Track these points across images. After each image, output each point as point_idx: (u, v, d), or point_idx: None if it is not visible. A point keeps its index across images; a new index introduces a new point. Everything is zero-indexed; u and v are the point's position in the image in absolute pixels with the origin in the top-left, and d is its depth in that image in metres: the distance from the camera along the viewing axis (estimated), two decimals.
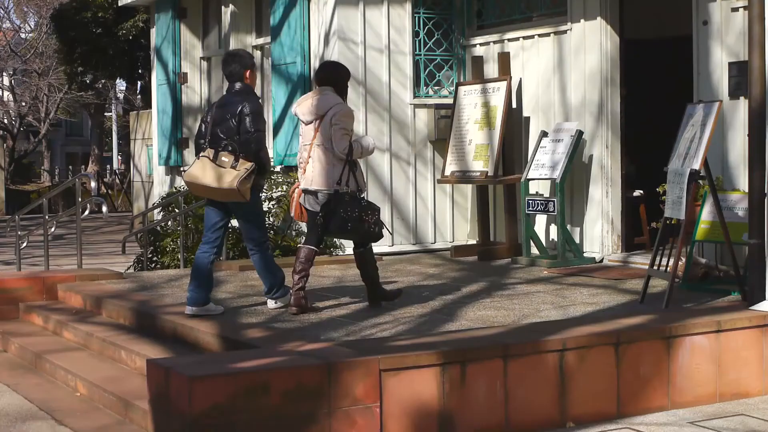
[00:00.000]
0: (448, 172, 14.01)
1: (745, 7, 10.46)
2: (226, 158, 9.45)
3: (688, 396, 7.94)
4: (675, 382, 7.88)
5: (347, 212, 9.45)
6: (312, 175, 9.54)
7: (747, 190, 9.28)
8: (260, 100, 10.16)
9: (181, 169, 18.05)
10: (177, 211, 14.57)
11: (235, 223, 10.40)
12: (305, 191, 9.64)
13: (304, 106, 9.65)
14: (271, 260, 9.90)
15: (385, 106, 14.30)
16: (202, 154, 9.61)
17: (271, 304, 9.89)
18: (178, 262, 14.00)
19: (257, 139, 9.48)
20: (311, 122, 9.57)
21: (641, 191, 13.46)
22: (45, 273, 12.89)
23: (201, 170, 9.50)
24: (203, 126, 9.79)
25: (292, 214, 9.97)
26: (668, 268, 9.54)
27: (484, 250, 13.73)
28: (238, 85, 9.70)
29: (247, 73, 9.73)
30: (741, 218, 9.87)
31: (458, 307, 9.79)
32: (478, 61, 14.22)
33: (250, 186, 9.44)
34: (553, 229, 13.34)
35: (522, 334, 7.80)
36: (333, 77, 9.72)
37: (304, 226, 13.95)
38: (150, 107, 21.53)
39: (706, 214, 10.25)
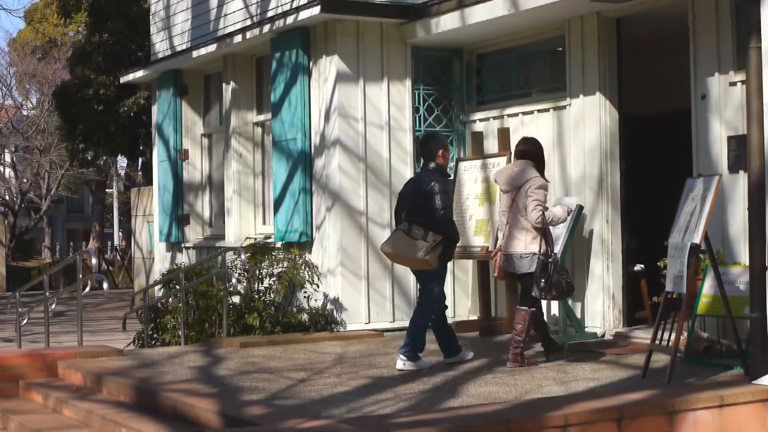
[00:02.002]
0: None
1: (743, 82, 10.53)
2: (417, 231, 10.59)
3: None
4: None
5: (544, 273, 10.47)
6: (509, 239, 10.69)
7: (748, 264, 9.28)
8: (450, 179, 11.43)
9: (182, 245, 18.07)
10: (178, 287, 14.56)
11: None
12: (505, 253, 10.78)
13: (504, 176, 10.87)
14: (427, 322, 10.89)
15: (385, 181, 14.34)
16: (398, 226, 10.88)
17: (406, 363, 10.69)
18: (179, 339, 13.96)
19: (444, 216, 10.59)
20: (509, 192, 10.74)
21: (642, 265, 13.44)
22: (45, 350, 12.84)
23: (396, 241, 10.80)
24: (401, 199, 11.00)
25: (495, 274, 11.19)
26: (670, 343, 9.51)
27: (486, 326, 13.70)
28: (431, 165, 10.88)
29: (440, 153, 10.89)
30: (742, 292, 9.86)
31: (460, 383, 9.75)
32: (478, 137, 14.27)
33: (436, 256, 10.54)
34: (555, 304, 13.31)
35: (524, 410, 7.76)
36: (531, 151, 10.92)
37: (305, 303, 13.99)
38: (151, 184, 21.60)
39: (708, 288, 10.24)
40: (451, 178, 12.07)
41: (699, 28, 11.63)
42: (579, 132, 13.15)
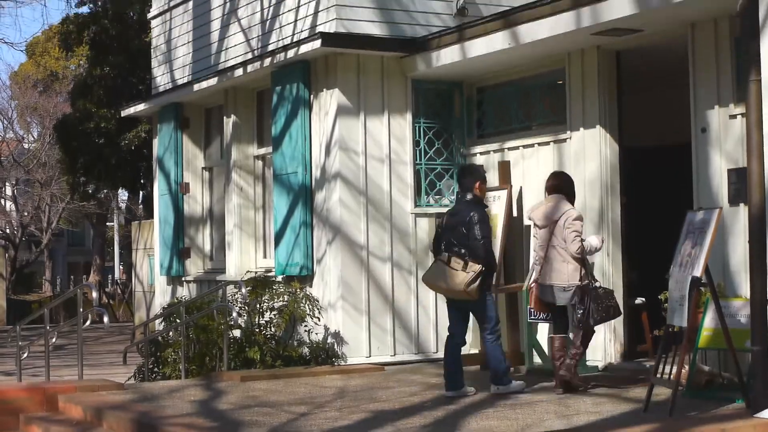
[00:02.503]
0: None
1: (743, 114, 10.54)
2: (457, 262, 10.87)
3: None
4: None
5: (582, 303, 10.88)
6: (549, 271, 11.07)
7: (749, 297, 9.27)
8: (487, 209, 11.60)
9: (183, 279, 18.06)
10: (179, 321, 14.55)
11: None
12: (542, 285, 11.18)
13: (539, 212, 11.31)
14: (500, 348, 11.15)
15: (386, 215, 14.35)
16: (438, 257, 11.12)
17: (493, 389, 11.16)
18: (180, 373, 13.94)
19: (484, 245, 10.87)
20: (545, 226, 11.16)
21: (643, 299, 13.42)
22: (45, 384, 12.82)
23: (436, 273, 11.10)
24: (439, 231, 11.38)
25: (531, 306, 11.69)
26: (671, 376, 9.49)
27: None
28: (468, 196, 11.21)
29: (478, 185, 11.26)
30: (743, 325, 9.85)
31: (461, 417, 9.73)
32: None
33: (477, 286, 10.79)
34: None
35: None
36: (562, 185, 11.40)
37: (305, 336, 13.97)
38: (152, 217, 21.61)
39: (709, 321, 10.23)
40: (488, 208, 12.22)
41: (699, 62, 11.66)
42: (579, 165, 13.16)
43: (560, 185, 11.41)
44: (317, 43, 13.80)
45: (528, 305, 12.90)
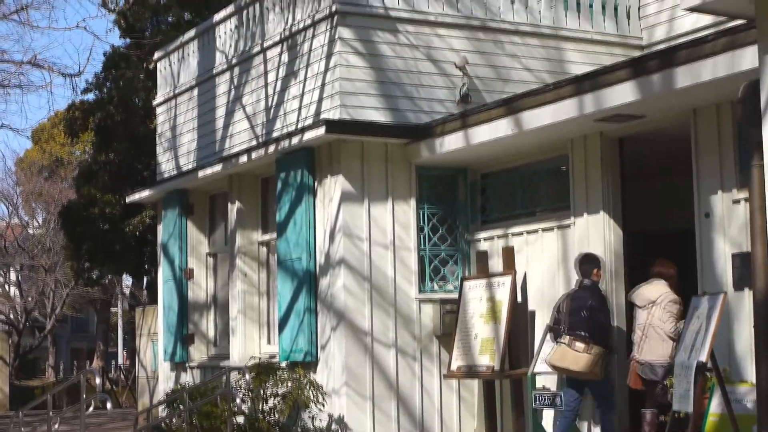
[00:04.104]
0: (454, 367, 13.95)
1: (746, 199, 10.57)
2: (579, 344, 11.84)
3: None
4: None
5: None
6: (648, 349, 11.72)
7: (755, 382, 9.22)
8: (605, 293, 12.44)
9: (187, 365, 18.00)
10: (182, 407, 14.48)
11: None
12: (641, 363, 11.78)
13: (640, 294, 12.05)
14: (614, 426, 12.12)
15: (390, 301, 14.33)
16: (560, 340, 12.08)
17: None
18: None
19: (606, 328, 12.01)
20: (645, 307, 11.91)
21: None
22: None
23: (561, 355, 11.98)
24: (557, 314, 12.28)
25: (628, 383, 12.09)
26: None
27: None
28: (587, 282, 12.23)
29: (595, 271, 12.29)
30: (750, 410, 9.80)
31: None
32: (483, 256, 14.28)
33: (601, 366, 11.84)
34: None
35: None
36: (665, 273, 12.13)
37: (309, 423, 13.90)
38: (156, 303, 21.59)
39: (715, 406, 10.16)
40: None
41: (701, 147, 11.71)
42: (584, 251, 13.14)
43: (664, 273, 12.16)
44: (321, 131, 13.88)
45: (533, 390, 12.87)
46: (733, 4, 8.82)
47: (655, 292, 11.96)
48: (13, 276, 51.46)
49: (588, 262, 12.39)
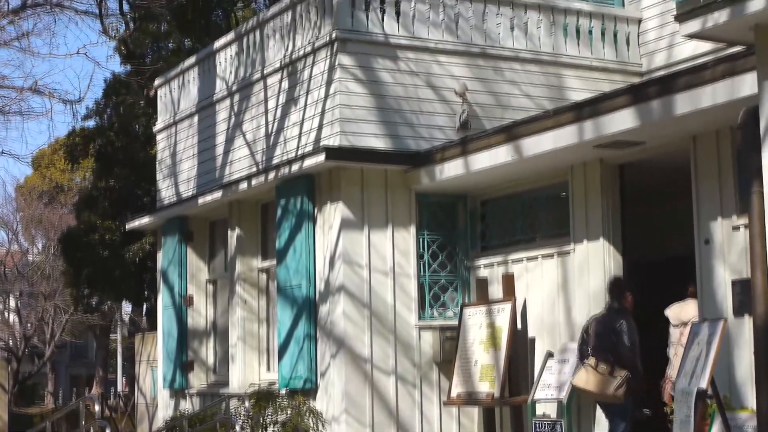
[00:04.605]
0: (454, 394, 13.93)
1: (746, 226, 10.58)
2: (604, 367, 11.82)
3: None
4: None
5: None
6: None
7: (756, 408, 9.21)
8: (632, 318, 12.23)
9: (186, 391, 17.96)
10: None
11: None
12: (673, 381, 11.44)
13: (673, 312, 12.25)
14: None
15: (390, 328, 14.31)
16: (586, 361, 12.06)
17: None
18: None
19: (632, 352, 11.88)
20: (678, 326, 12.04)
21: (648, 410, 13.32)
22: None
23: (585, 377, 11.97)
24: (585, 336, 12.28)
25: (665, 400, 12.14)
26: None
27: None
28: (615, 304, 12.16)
29: (627, 295, 12.21)
30: None
31: None
32: (483, 283, 14.27)
33: (625, 391, 11.77)
34: None
35: None
36: (695, 292, 11.93)
37: None
38: (156, 329, 21.57)
39: None
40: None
41: (701, 173, 11.72)
42: (584, 277, 13.16)
43: (694, 292, 12.02)
44: (321, 157, 13.89)
45: (533, 417, 12.84)
46: (732, 31, 8.87)
47: (688, 312, 12.05)
48: (12, 303, 51.41)
49: (618, 286, 12.36)
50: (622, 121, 11.50)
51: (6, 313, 52.13)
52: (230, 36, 17.29)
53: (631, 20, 16.30)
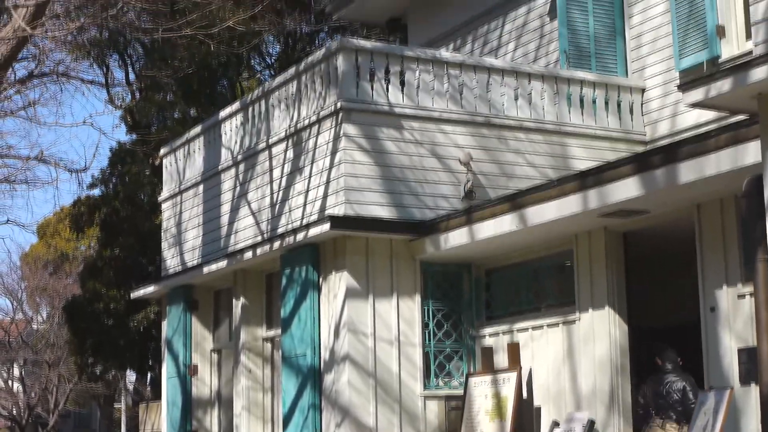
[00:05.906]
0: None
1: (751, 294, 10.56)
2: (673, 427, 12.06)
3: None
4: None
5: None
6: None
7: None
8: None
9: None
10: None
11: None
12: None
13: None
14: None
15: (395, 397, 14.25)
16: (652, 423, 12.27)
17: None
18: None
19: (694, 407, 11.55)
20: None
21: None
22: None
23: None
24: (641, 400, 12.54)
25: None
26: None
27: None
28: (669, 365, 12.45)
29: (676, 356, 12.49)
30: None
31: None
32: (488, 352, 14.23)
33: None
34: None
35: None
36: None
37: None
38: (160, 398, 21.52)
39: None
40: None
41: (706, 242, 11.73)
42: (589, 346, 13.12)
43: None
44: (326, 227, 13.90)
45: None
46: (735, 100, 8.92)
47: None
48: (16, 371, 51.29)
49: (671, 350, 12.62)
50: (626, 189, 11.52)
51: (10, 382, 52.00)
52: (235, 106, 17.38)
53: (634, 89, 16.37)
